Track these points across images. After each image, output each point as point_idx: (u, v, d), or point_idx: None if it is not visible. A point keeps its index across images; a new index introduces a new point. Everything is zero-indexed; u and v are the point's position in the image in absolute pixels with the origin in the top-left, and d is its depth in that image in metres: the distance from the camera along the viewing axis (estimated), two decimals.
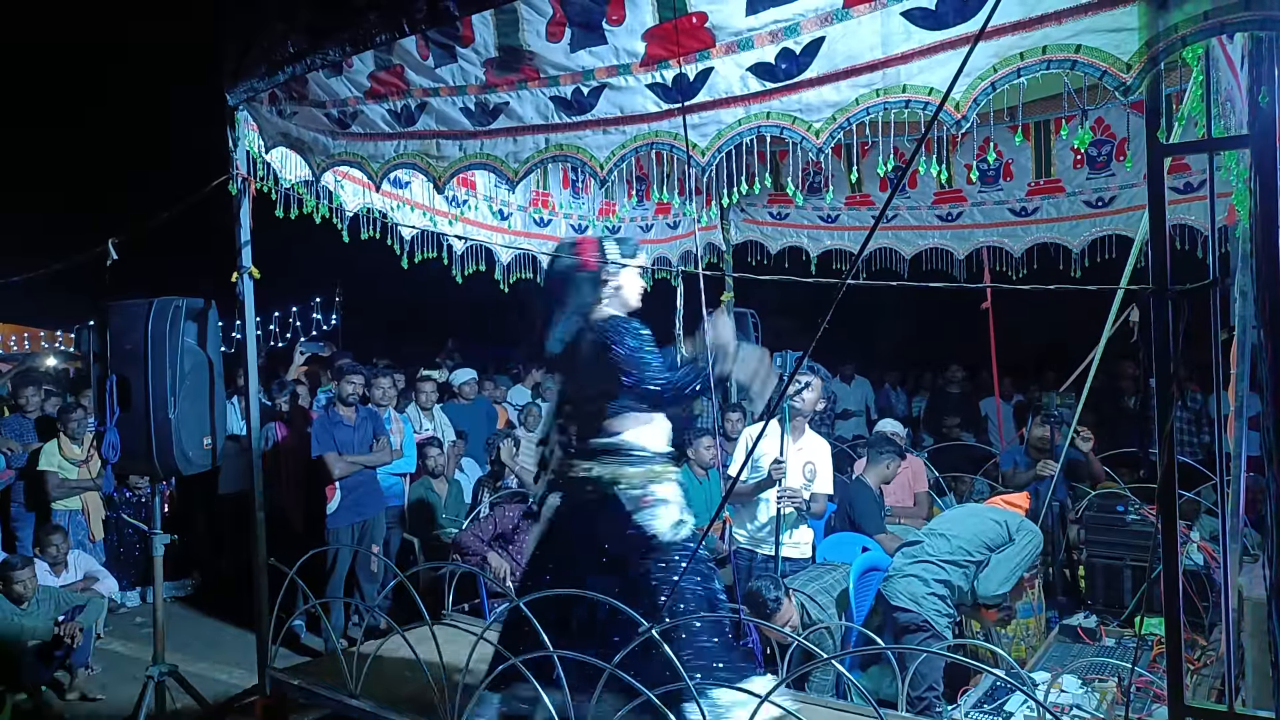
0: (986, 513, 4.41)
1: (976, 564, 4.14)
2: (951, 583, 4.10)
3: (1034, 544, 4.23)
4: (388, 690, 3.67)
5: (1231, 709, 2.31)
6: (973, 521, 4.30)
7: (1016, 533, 4.20)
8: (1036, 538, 4.27)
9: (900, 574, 4.17)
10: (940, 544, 4.18)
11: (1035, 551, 4.24)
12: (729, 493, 3.59)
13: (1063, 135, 5.19)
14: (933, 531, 4.29)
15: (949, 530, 4.25)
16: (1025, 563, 4.18)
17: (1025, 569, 4.20)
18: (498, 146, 3.31)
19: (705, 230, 6.64)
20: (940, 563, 4.11)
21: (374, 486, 6.02)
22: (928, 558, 4.14)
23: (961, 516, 4.45)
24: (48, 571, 5.79)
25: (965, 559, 4.13)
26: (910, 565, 4.16)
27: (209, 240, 4.46)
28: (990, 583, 4.10)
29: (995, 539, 4.19)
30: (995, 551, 4.17)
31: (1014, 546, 4.16)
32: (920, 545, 4.23)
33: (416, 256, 5.16)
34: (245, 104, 3.92)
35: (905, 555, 4.24)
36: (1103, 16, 2.21)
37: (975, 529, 4.22)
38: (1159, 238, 2.23)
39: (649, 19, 2.73)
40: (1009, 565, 4.13)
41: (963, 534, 4.20)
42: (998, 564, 4.12)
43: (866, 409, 10.12)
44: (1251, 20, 1.97)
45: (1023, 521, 4.31)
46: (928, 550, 4.18)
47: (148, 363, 3.86)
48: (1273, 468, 2.14)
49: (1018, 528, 4.24)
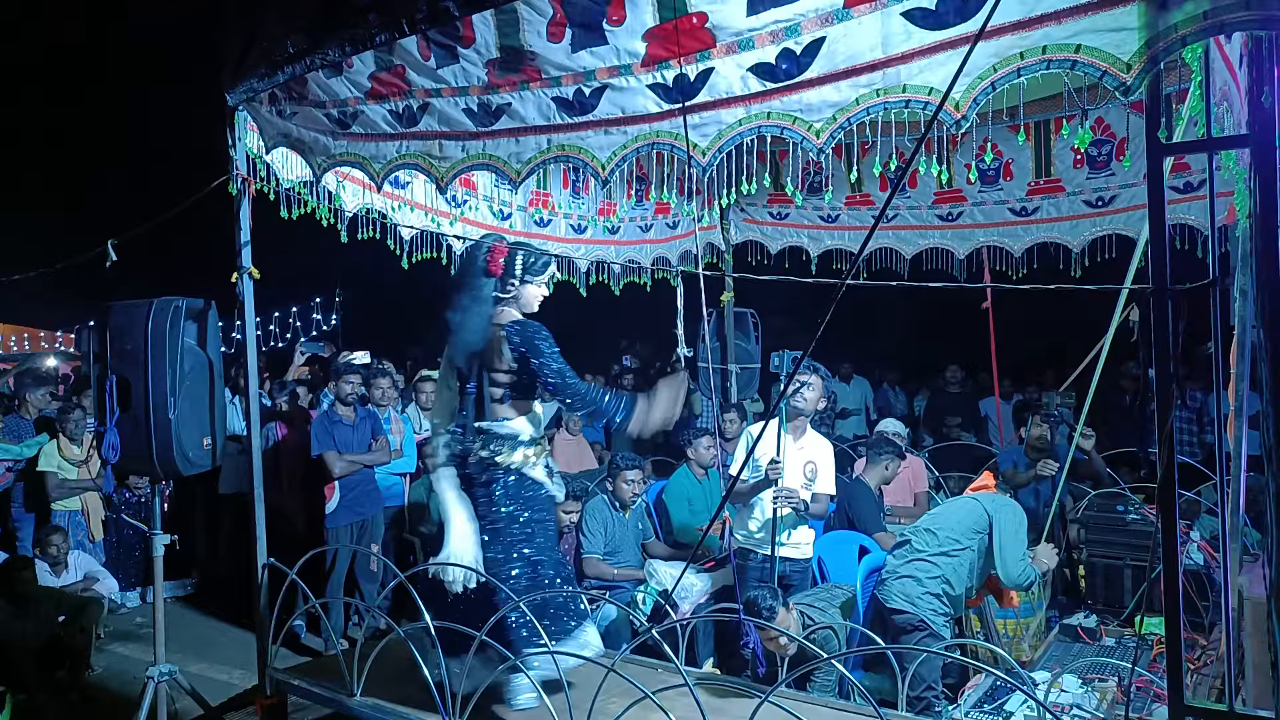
0: (963, 501, 4.47)
1: (969, 550, 4.17)
2: (947, 577, 4.12)
3: (1018, 513, 4.27)
4: (388, 690, 3.67)
5: (1231, 709, 2.31)
6: (954, 512, 4.34)
7: (993, 510, 4.22)
8: (1015, 508, 4.31)
9: (895, 575, 4.19)
10: (929, 539, 4.21)
11: (1023, 520, 4.28)
12: (729, 493, 3.60)
13: (1063, 135, 5.19)
14: (919, 529, 4.32)
15: (934, 525, 4.28)
16: (1023, 534, 4.22)
17: (1023, 538, 4.23)
18: (500, 147, 3.31)
19: (705, 230, 6.65)
20: (932, 559, 4.14)
21: (372, 486, 6.03)
22: (919, 555, 4.17)
23: (943, 510, 4.49)
24: (48, 572, 5.79)
25: (955, 548, 4.16)
26: (904, 565, 4.19)
27: (209, 240, 4.46)
28: (1010, 569, 4.13)
29: (979, 522, 4.21)
30: (983, 534, 4.19)
31: (1001, 523, 4.17)
32: (909, 544, 4.27)
33: (416, 256, 5.16)
34: (245, 104, 3.92)
35: (897, 556, 4.27)
36: (1103, 16, 2.21)
37: (958, 517, 4.26)
38: (1159, 237, 2.23)
39: (649, 19, 2.74)
40: (1013, 544, 4.15)
41: (947, 524, 4.24)
42: (1002, 548, 4.14)
43: (866, 408, 10.13)
44: (1251, 20, 1.97)
45: (994, 497, 4.37)
46: (917, 548, 4.21)
47: (148, 363, 3.85)
48: (1273, 467, 2.14)
49: (992, 504, 4.27)
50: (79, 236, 4.54)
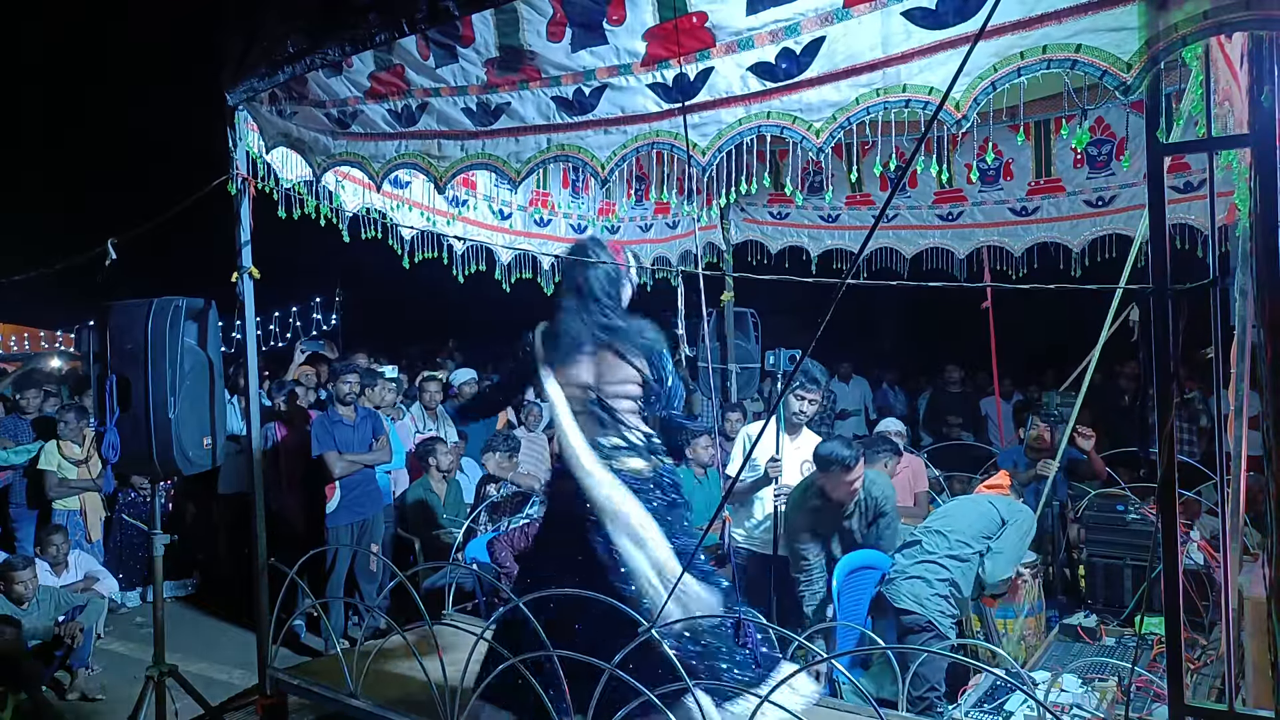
0: (977, 502, 4.44)
1: (978, 554, 4.16)
2: (955, 580, 4.10)
3: (1029, 523, 4.29)
4: (388, 690, 3.67)
5: (1231, 709, 2.31)
6: (966, 514, 4.32)
7: (1009, 516, 4.23)
8: (1028, 515, 4.33)
9: (904, 575, 4.15)
10: (939, 541, 4.18)
11: (1031, 530, 4.29)
12: (728, 492, 3.61)
13: (1063, 135, 5.19)
14: (929, 529, 4.29)
15: (944, 526, 4.26)
16: (1025, 544, 4.24)
17: (1024, 550, 4.26)
18: (499, 146, 3.31)
19: (705, 230, 6.65)
20: (942, 561, 4.11)
21: (373, 486, 6.03)
22: (929, 557, 4.13)
23: (954, 510, 4.45)
24: (48, 571, 5.79)
25: (967, 552, 4.14)
26: (913, 566, 4.15)
27: (209, 240, 4.46)
28: (997, 571, 4.14)
29: (990, 527, 4.21)
30: (992, 539, 4.19)
31: (1010, 530, 4.19)
32: (919, 545, 4.22)
33: (416, 256, 5.16)
34: (245, 104, 3.92)
35: (906, 556, 4.22)
36: (1103, 16, 2.21)
37: (970, 521, 4.24)
38: (1159, 237, 2.23)
39: (649, 19, 2.74)
40: (1012, 551, 4.17)
41: (959, 528, 4.21)
42: (1000, 552, 4.15)
43: (865, 409, 10.13)
44: (1251, 20, 1.97)
45: (1011, 503, 4.37)
46: (927, 549, 4.17)
47: (148, 363, 3.85)
48: (1272, 467, 2.14)
49: (1008, 510, 4.27)
50: (79, 236, 4.53)
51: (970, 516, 4.27)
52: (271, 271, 4.18)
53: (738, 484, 4.68)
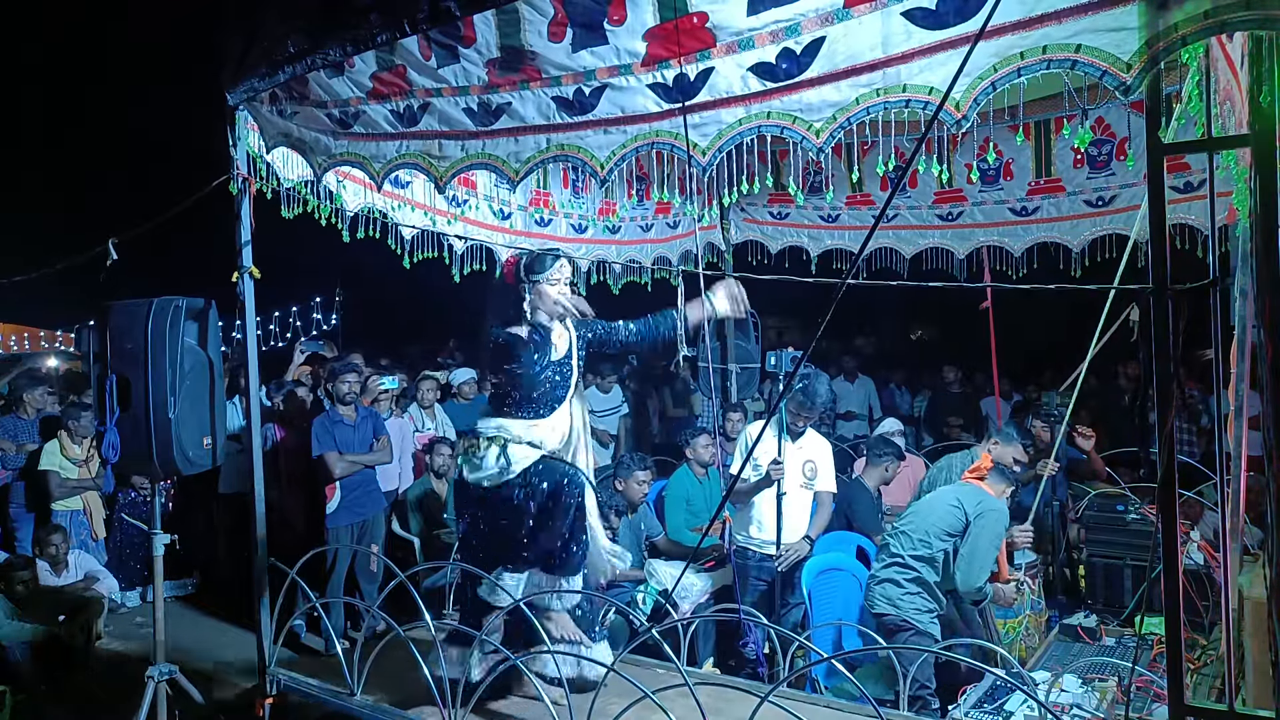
0: (944, 498, 4.36)
1: (943, 552, 4.17)
2: (924, 579, 4.14)
3: (997, 521, 4.18)
4: (388, 690, 3.67)
5: (1231, 709, 2.31)
6: (930, 512, 4.30)
7: (974, 516, 4.16)
8: (998, 514, 4.21)
9: (876, 580, 4.25)
10: (904, 542, 4.23)
11: (1002, 528, 4.21)
12: (729, 492, 3.61)
13: (1063, 135, 5.19)
14: (897, 530, 4.34)
15: (908, 526, 4.28)
16: (995, 543, 4.17)
17: (996, 549, 4.20)
18: (499, 146, 3.31)
19: (705, 230, 6.65)
20: (908, 562, 4.16)
21: (374, 486, 6.02)
22: (895, 560, 4.20)
23: (919, 509, 4.42)
24: (48, 571, 5.78)
25: (929, 553, 4.17)
26: (883, 570, 4.24)
27: (209, 240, 4.46)
28: (968, 578, 4.12)
29: (954, 525, 4.19)
30: (958, 538, 4.18)
31: (977, 532, 4.13)
32: (887, 547, 4.29)
33: (416, 256, 5.16)
34: (245, 104, 3.92)
35: (878, 560, 4.32)
36: (1103, 16, 2.21)
37: (933, 520, 4.24)
38: (1159, 237, 2.23)
39: (650, 19, 2.74)
40: (981, 555, 4.12)
41: (922, 527, 4.23)
42: (967, 557, 4.12)
43: (869, 409, 10.11)
44: (1251, 19, 1.98)
45: (981, 499, 4.25)
46: (894, 551, 4.23)
47: (148, 363, 3.85)
48: (1273, 467, 2.14)
49: (975, 506, 4.20)
50: (79, 236, 4.54)
51: (933, 516, 4.26)
52: (271, 271, 4.18)
53: (740, 485, 4.69)
